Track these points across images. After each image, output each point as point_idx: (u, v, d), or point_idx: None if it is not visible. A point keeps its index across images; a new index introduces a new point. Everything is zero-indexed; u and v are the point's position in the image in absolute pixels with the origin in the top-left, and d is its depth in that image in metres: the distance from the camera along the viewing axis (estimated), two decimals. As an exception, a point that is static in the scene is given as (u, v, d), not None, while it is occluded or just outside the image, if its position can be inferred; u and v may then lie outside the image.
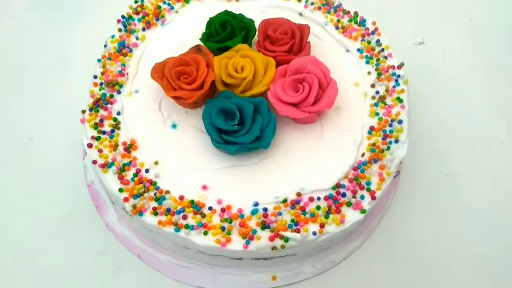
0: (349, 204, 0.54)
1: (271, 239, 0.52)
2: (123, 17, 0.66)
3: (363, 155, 0.57)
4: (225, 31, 0.61)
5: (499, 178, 0.69)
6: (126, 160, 0.56)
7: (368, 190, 0.55)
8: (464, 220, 0.67)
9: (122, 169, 0.56)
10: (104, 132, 0.58)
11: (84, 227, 0.64)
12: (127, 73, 0.63)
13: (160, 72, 0.58)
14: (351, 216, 0.54)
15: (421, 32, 0.83)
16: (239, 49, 0.59)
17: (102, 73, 0.62)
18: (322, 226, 0.53)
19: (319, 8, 0.68)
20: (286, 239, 0.52)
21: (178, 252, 0.59)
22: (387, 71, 0.62)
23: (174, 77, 0.57)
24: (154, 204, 0.54)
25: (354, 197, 0.55)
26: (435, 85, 0.78)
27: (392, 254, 0.64)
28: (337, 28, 0.66)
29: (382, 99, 0.60)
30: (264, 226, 0.52)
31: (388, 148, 0.57)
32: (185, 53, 0.60)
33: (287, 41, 0.60)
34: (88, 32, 0.82)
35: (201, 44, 0.61)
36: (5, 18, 0.85)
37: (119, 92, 0.61)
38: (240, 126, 0.55)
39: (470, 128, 0.74)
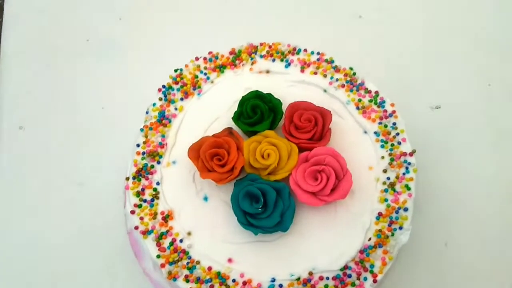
0: (353, 285, 0.62)
1: (284, 312, 0.61)
2: (163, 86, 0.74)
3: (369, 239, 0.65)
4: (256, 115, 0.67)
5: (494, 249, 0.77)
6: (163, 229, 0.65)
7: (371, 272, 0.63)
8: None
9: (160, 237, 0.65)
10: (145, 201, 0.67)
11: (125, 270, 0.75)
12: (166, 144, 0.70)
13: (196, 152, 0.66)
14: (354, 295, 0.63)
15: (439, 96, 0.88)
16: (267, 135, 0.66)
17: (144, 142, 0.70)
18: (328, 303, 0.62)
19: (343, 86, 0.74)
20: (297, 313, 0.61)
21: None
22: (399, 158, 0.68)
23: (208, 158, 0.65)
24: (186, 272, 0.63)
25: (358, 278, 0.63)
26: (445, 151, 0.83)
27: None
28: (357, 108, 0.72)
29: (392, 185, 0.67)
30: (279, 300, 0.62)
31: (393, 234, 0.65)
32: (218, 134, 0.67)
33: (310, 128, 0.66)
34: (131, 77, 0.90)
35: (233, 123, 0.69)
36: (51, 65, 0.92)
37: (158, 162, 0.69)
38: (263, 209, 0.63)
39: (472, 197, 0.80)
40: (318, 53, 0.76)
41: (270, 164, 0.64)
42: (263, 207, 0.63)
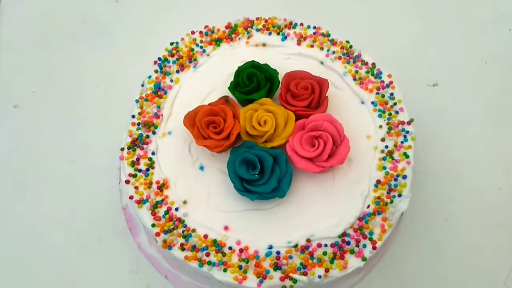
0: (352, 252, 0.61)
1: (282, 279, 0.60)
2: (159, 59, 0.73)
3: (368, 206, 0.64)
4: (252, 83, 0.67)
5: (495, 224, 0.76)
6: (158, 198, 0.64)
7: (370, 239, 0.62)
8: (458, 262, 0.74)
9: (155, 206, 0.64)
10: (140, 170, 0.66)
11: (119, 246, 0.73)
12: (162, 115, 0.70)
13: (192, 120, 0.65)
14: (353, 262, 0.61)
15: (436, 73, 0.87)
16: (263, 103, 0.65)
17: (140, 113, 0.69)
18: (327, 270, 0.60)
19: (340, 58, 0.73)
20: (295, 281, 0.60)
21: (201, 280, 0.67)
22: (397, 126, 0.68)
23: (204, 126, 0.64)
24: (181, 240, 0.62)
25: (357, 245, 0.62)
26: (444, 128, 0.83)
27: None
28: (354, 79, 0.72)
29: (390, 153, 0.66)
30: (276, 267, 0.60)
31: (392, 202, 0.64)
32: (214, 102, 0.66)
33: (307, 96, 0.66)
34: (127, 58, 0.89)
35: (229, 93, 0.68)
36: (48, 45, 0.92)
37: (154, 133, 0.68)
38: (260, 175, 0.62)
39: (471, 173, 0.80)
40: (314, 27, 0.76)
41: (266, 131, 0.63)
42: (260, 174, 0.62)
